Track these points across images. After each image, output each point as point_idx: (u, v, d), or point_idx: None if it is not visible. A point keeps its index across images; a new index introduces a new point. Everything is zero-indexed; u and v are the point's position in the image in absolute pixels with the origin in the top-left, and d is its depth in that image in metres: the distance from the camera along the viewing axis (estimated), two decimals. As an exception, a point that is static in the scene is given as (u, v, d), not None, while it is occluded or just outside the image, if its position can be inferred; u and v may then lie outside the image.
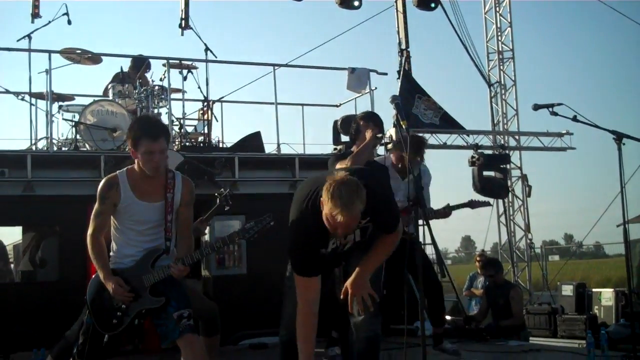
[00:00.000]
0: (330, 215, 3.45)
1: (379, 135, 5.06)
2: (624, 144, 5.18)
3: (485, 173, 11.44)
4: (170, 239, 3.98)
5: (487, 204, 7.78)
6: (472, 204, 6.69)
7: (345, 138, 9.28)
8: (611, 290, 11.98)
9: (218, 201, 5.02)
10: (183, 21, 10.91)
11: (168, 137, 4.02)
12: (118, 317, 3.90)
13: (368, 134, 4.99)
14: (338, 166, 4.66)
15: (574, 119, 5.24)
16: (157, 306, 3.90)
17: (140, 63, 9.13)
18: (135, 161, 3.93)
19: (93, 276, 3.98)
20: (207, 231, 8.28)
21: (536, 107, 5.27)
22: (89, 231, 3.93)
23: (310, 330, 3.80)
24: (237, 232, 4.03)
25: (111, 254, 4.01)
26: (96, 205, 3.93)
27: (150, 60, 9.32)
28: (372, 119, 5.25)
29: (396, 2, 13.19)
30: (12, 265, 9.70)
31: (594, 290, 12.03)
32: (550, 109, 5.21)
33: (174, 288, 3.97)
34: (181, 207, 4.01)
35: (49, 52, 8.05)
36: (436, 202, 6.58)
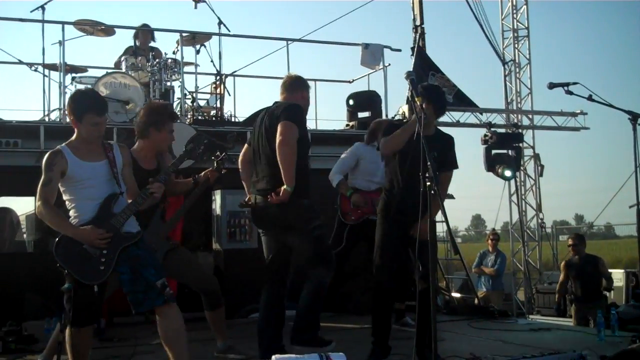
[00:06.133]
0: None
1: None
2: (639, 124, 5.14)
3: (496, 151, 11.38)
4: (121, 187, 4.12)
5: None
6: None
7: (358, 114, 9.24)
8: (622, 271, 11.96)
9: (215, 164, 5.19)
10: (197, -6, 10.81)
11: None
12: (103, 262, 3.96)
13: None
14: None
15: (589, 98, 5.20)
16: (136, 239, 4.04)
17: (143, 31, 9.10)
18: (75, 131, 4.12)
19: (56, 242, 4.00)
20: (217, 204, 8.35)
21: (551, 86, 5.23)
22: (39, 202, 3.95)
23: None
24: (185, 152, 4.43)
25: (71, 218, 4.05)
26: (43, 177, 3.99)
27: (165, 33, 9.31)
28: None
29: (411, -22, 13.06)
30: (25, 236, 9.78)
31: (604, 270, 11.96)
32: (566, 88, 5.17)
33: (149, 255, 4.11)
34: (124, 168, 4.20)
35: (63, 23, 8.06)
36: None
